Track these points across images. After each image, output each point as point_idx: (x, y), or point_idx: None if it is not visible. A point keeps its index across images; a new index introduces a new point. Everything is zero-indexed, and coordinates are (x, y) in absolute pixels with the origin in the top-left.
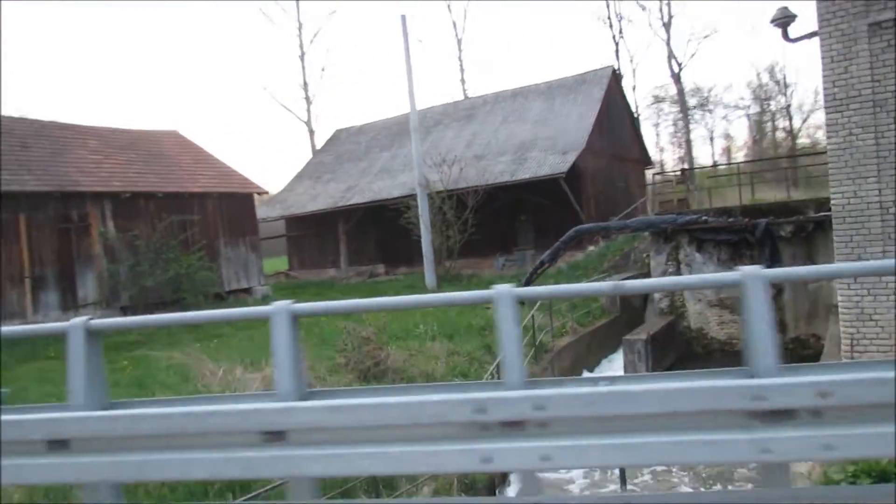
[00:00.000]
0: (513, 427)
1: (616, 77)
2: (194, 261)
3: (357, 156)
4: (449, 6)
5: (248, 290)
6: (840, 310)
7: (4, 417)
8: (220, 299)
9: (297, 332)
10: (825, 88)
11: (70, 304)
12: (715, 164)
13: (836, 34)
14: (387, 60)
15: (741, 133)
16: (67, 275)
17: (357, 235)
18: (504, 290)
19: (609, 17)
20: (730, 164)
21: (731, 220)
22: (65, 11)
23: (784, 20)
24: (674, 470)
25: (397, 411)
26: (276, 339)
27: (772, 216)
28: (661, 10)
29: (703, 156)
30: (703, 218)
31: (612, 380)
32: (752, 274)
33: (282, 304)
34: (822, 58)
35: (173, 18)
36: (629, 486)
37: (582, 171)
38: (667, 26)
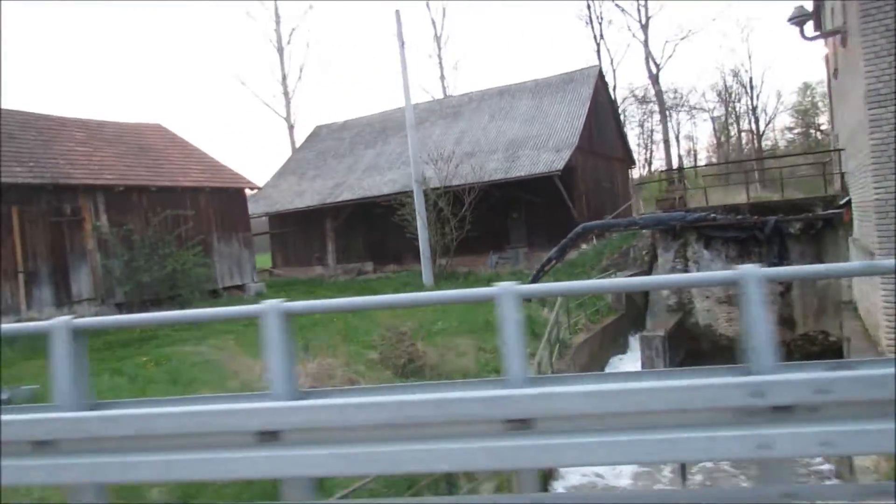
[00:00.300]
0: (783, 412)
1: (602, 77)
2: (190, 256)
3: (341, 152)
4: (428, 4)
5: (241, 287)
6: (882, 304)
7: (211, 406)
8: (216, 296)
9: (522, 315)
10: (868, 84)
11: (64, 299)
12: (695, 164)
13: (879, 29)
14: (367, 57)
15: (703, 134)
16: (61, 270)
17: (345, 233)
18: (753, 271)
19: (590, 18)
20: (719, 163)
21: (739, 217)
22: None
23: (801, 18)
24: (724, 465)
25: (662, 396)
26: (504, 321)
27: (780, 214)
28: (638, 11)
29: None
30: (712, 215)
31: (886, 363)
32: None
33: (508, 286)
34: (865, 53)
35: (143, 9)
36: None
37: (574, 170)
38: (644, 28)
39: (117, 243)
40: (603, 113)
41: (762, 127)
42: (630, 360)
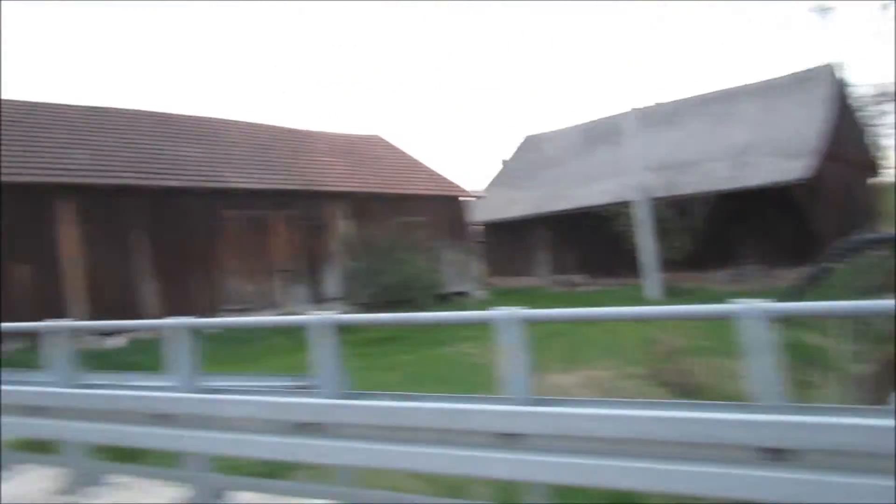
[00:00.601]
0: None
1: (839, 74)
2: (423, 262)
3: (550, 162)
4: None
5: (464, 294)
6: None
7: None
8: (444, 301)
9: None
10: None
11: (317, 297)
12: None
13: None
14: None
15: None
16: (313, 270)
17: (555, 244)
18: None
19: (820, 10)
20: None
21: None
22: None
23: None
24: None
25: None
26: None
27: None
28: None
29: None
30: None
31: None
32: None
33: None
34: None
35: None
36: None
37: (813, 179)
38: (886, 16)
39: (360, 247)
40: (842, 115)
41: None
42: None
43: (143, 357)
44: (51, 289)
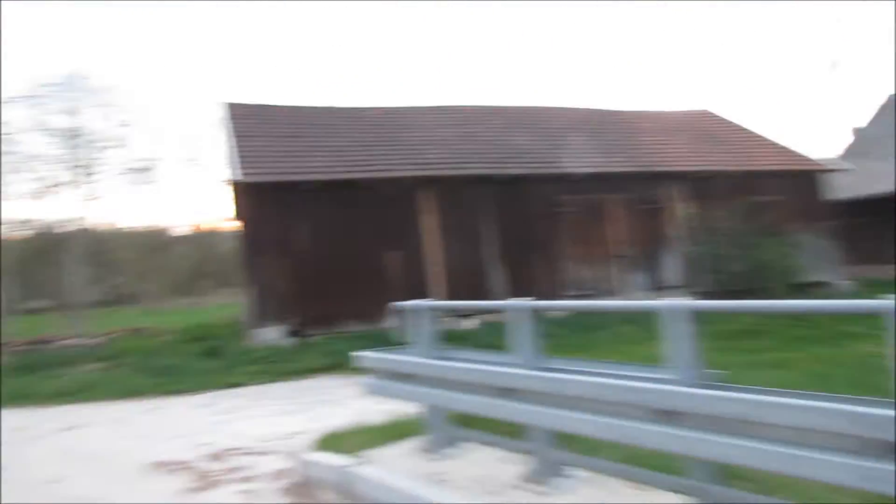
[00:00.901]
0: None
1: None
2: (776, 246)
3: None
4: None
5: (825, 285)
6: None
7: None
8: (801, 292)
9: None
10: None
11: (655, 284)
12: None
13: None
14: None
15: None
16: (651, 255)
17: None
18: None
19: None
20: None
21: None
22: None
23: None
24: None
25: None
26: None
27: None
28: None
29: None
30: None
31: None
32: None
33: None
34: None
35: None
36: None
37: None
38: None
39: (702, 231)
40: None
41: None
42: None
43: (495, 338)
44: (416, 273)
